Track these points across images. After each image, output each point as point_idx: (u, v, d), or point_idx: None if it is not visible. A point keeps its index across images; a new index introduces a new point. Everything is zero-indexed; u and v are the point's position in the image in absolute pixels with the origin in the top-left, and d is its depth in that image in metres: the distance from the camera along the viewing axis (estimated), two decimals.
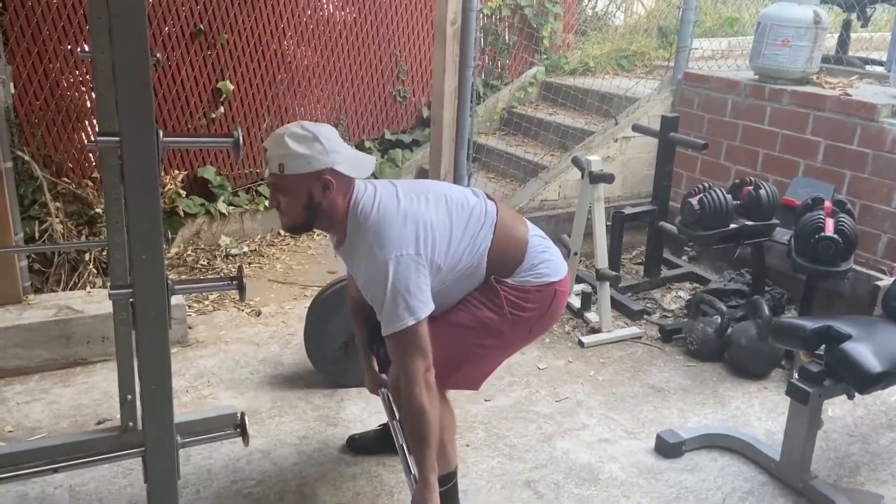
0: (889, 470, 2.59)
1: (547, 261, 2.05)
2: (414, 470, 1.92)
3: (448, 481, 2.10)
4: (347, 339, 2.82)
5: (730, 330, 3.24)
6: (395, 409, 2.13)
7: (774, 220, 3.25)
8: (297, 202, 1.89)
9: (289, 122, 1.94)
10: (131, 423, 2.36)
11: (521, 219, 2.14)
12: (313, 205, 1.89)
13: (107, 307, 2.95)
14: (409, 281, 1.83)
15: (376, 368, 2.31)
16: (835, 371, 2.29)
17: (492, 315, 2.00)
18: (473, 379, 2.14)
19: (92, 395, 2.86)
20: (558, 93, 5.25)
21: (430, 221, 1.90)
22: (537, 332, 2.14)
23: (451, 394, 2.21)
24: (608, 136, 4.39)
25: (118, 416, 2.37)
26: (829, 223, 2.95)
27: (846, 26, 4.74)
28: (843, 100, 3.53)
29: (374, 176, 4.45)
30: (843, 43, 4.69)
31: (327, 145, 1.85)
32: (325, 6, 4.72)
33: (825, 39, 3.92)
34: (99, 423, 2.69)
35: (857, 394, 2.34)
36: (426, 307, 1.85)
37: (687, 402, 2.97)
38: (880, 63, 4.52)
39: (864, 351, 2.23)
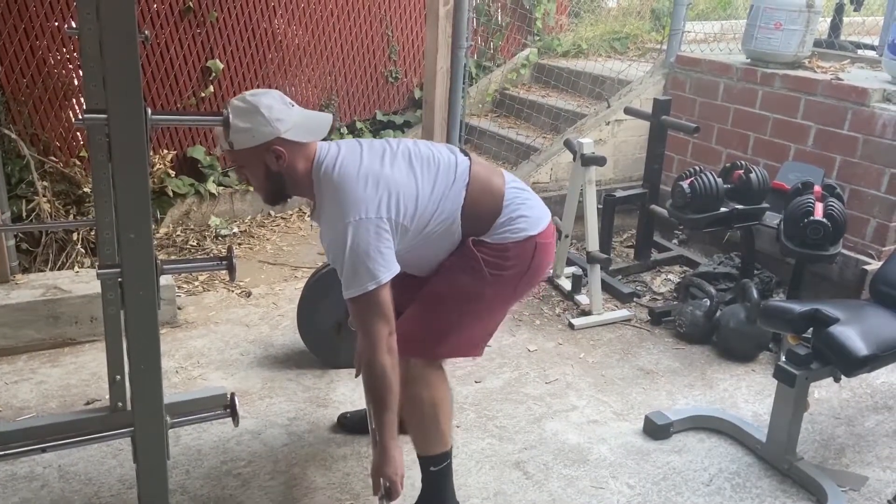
0: (874, 452, 2.62)
1: (525, 215, 1.99)
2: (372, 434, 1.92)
3: (442, 461, 2.09)
4: (340, 320, 2.82)
5: (718, 313, 3.26)
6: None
7: (764, 204, 3.26)
8: (257, 175, 1.89)
9: None
10: (120, 404, 2.37)
11: (497, 171, 2.07)
12: (273, 175, 1.88)
13: (95, 287, 2.94)
14: (369, 245, 1.80)
15: None
16: (822, 354, 2.32)
17: (469, 279, 1.96)
18: (467, 345, 2.09)
19: (80, 375, 2.85)
20: (551, 75, 5.23)
21: (395, 181, 1.86)
22: (524, 289, 2.08)
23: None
24: (600, 119, 4.38)
25: (107, 396, 2.38)
26: (819, 207, 2.96)
27: (839, 10, 4.73)
28: (835, 84, 3.54)
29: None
30: (836, 27, 4.68)
31: (269, 114, 1.81)
32: None
33: (817, 23, 3.92)
34: (88, 403, 2.68)
35: (843, 377, 2.37)
36: (387, 271, 1.82)
37: (675, 384, 3.00)
38: (872, 48, 4.52)
39: (852, 334, 2.25)
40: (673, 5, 4.42)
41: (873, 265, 3.29)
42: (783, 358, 2.45)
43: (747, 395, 2.94)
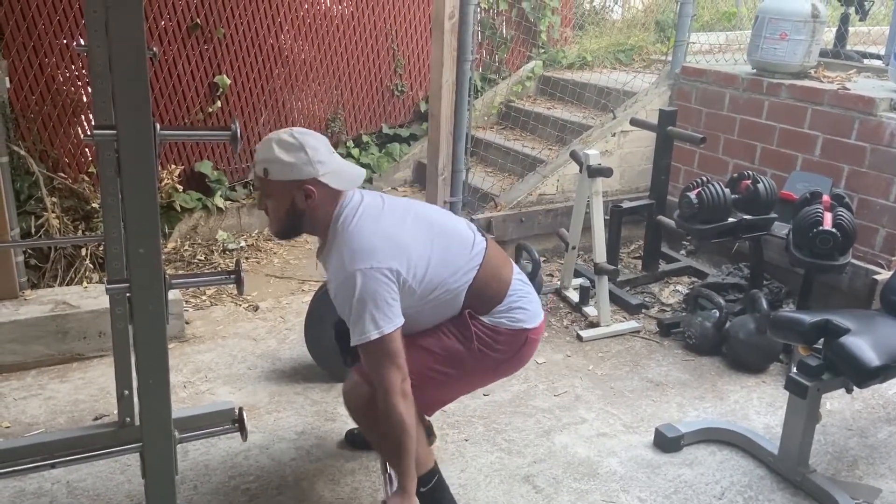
0: (887, 463, 2.59)
1: (524, 308, 2.06)
2: (390, 470, 1.95)
3: (429, 480, 2.09)
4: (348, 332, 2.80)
5: (728, 324, 3.24)
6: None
7: (772, 214, 3.25)
8: (280, 207, 1.92)
9: (286, 116, 1.95)
10: (128, 419, 2.36)
11: (508, 261, 2.14)
12: (296, 211, 1.92)
13: (103, 302, 2.95)
14: (377, 294, 1.83)
15: None
16: (833, 365, 2.30)
17: (458, 346, 2.01)
18: (426, 404, 2.11)
19: (89, 390, 2.85)
20: (556, 87, 5.24)
21: (409, 242, 1.91)
22: (503, 373, 2.15)
23: None
24: (606, 131, 4.38)
25: (115, 411, 2.37)
26: (828, 217, 2.95)
27: (844, 20, 4.73)
28: (842, 94, 3.53)
29: (370, 181, 4.43)
30: (842, 37, 4.68)
31: (312, 155, 1.87)
32: (323, 1, 4.70)
33: (823, 33, 3.92)
34: (96, 418, 2.68)
35: (855, 388, 2.35)
36: (391, 323, 1.84)
37: (685, 396, 2.98)
38: (878, 57, 4.51)
39: (863, 345, 2.23)
40: (677, 17, 4.43)
41: (883, 275, 3.27)
42: (794, 369, 2.43)
43: (758, 406, 2.92)
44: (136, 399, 2.22)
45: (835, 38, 4.70)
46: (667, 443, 2.60)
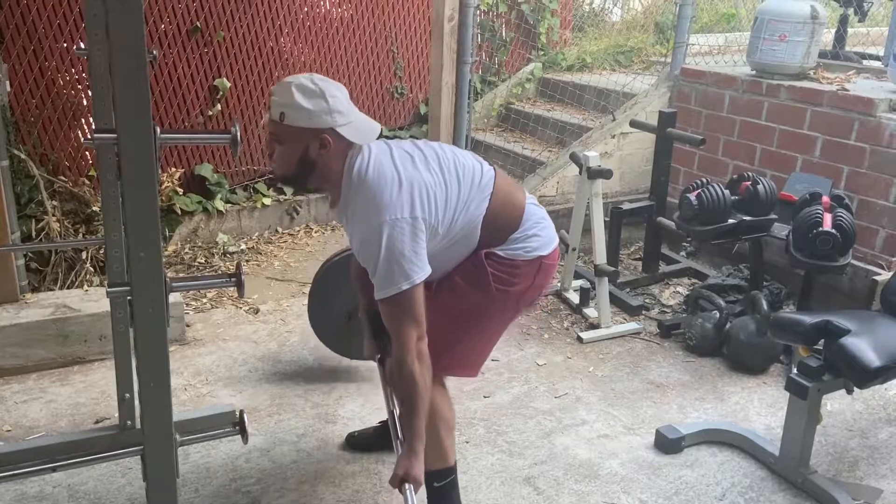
0: (888, 464, 2.59)
1: (539, 234, 2.02)
2: (401, 434, 1.91)
3: (445, 477, 2.08)
4: (351, 310, 2.76)
5: (728, 325, 3.24)
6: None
7: (772, 216, 3.25)
8: (291, 154, 1.85)
9: None
10: (129, 422, 2.36)
11: (519, 187, 2.11)
12: (308, 160, 1.85)
13: (104, 305, 2.95)
14: (405, 244, 1.79)
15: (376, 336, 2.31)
16: (833, 366, 2.30)
17: (477, 294, 1.98)
18: (467, 361, 2.10)
19: (90, 393, 2.85)
20: (556, 89, 5.24)
21: (427, 183, 1.87)
22: (525, 304, 2.11)
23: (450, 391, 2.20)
24: (606, 132, 4.38)
25: (116, 414, 2.37)
26: (827, 218, 2.95)
27: (843, 21, 4.73)
28: (841, 95, 3.53)
29: None
30: (841, 38, 4.69)
31: (332, 104, 1.81)
32: (322, 3, 4.70)
33: (822, 34, 3.92)
34: (97, 421, 2.68)
35: (855, 388, 2.35)
36: (422, 271, 1.81)
37: (686, 397, 2.98)
38: (878, 58, 4.52)
39: (863, 345, 2.23)
40: (677, 18, 4.43)
41: (884, 275, 3.27)
42: (795, 370, 2.43)
43: (759, 407, 2.92)
44: (137, 402, 2.22)
45: (834, 40, 4.70)
46: (667, 444, 2.60)
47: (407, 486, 1.82)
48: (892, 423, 2.84)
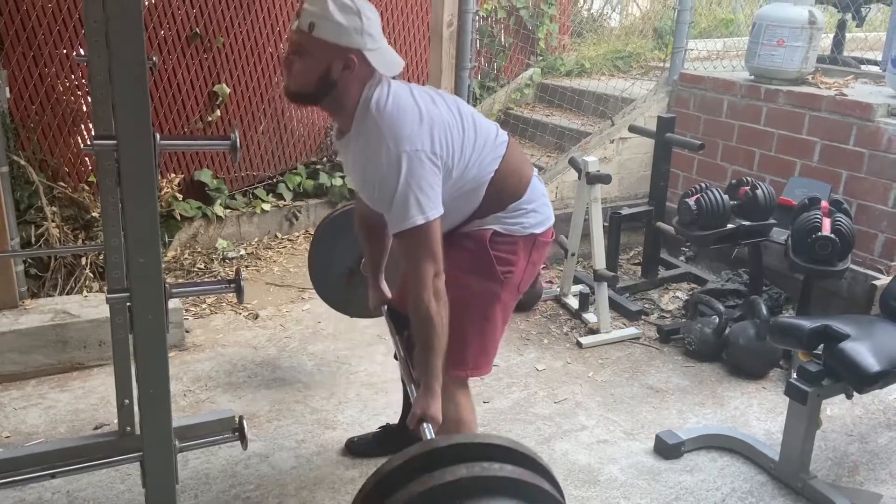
0: (888, 469, 2.59)
1: (537, 211, 2.01)
2: (416, 375, 1.87)
3: None
4: (352, 266, 2.70)
5: (728, 330, 3.24)
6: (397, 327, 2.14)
7: (771, 220, 3.25)
8: (312, 69, 1.76)
9: (286, 125, 1.92)
10: (129, 428, 2.36)
11: (528, 160, 2.09)
12: (328, 79, 1.77)
13: (104, 311, 2.94)
14: (422, 178, 1.75)
15: (382, 286, 2.30)
16: (833, 370, 2.30)
17: (487, 282, 1.98)
18: (487, 357, 2.08)
19: (89, 399, 2.85)
20: (554, 94, 5.25)
21: (447, 122, 1.83)
22: (524, 286, 2.09)
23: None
24: (605, 137, 4.39)
25: (115, 420, 2.37)
26: (826, 223, 2.95)
27: (841, 26, 4.75)
28: (839, 100, 3.54)
29: None
30: (839, 43, 4.70)
31: (366, 25, 1.76)
32: None
33: (820, 39, 3.93)
34: (96, 427, 2.68)
35: (855, 393, 2.35)
36: (436, 209, 1.77)
37: (685, 402, 2.97)
38: (876, 63, 4.53)
39: (863, 350, 2.24)
40: (675, 24, 4.45)
41: (883, 280, 3.27)
42: (794, 375, 2.43)
43: (759, 412, 2.92)
44: (136, 408, 2.21)
45: (832, 45, 4.72)
46: (667, 449, 2.60)
47: (425, 425, 1.77)
48: (892, 427, 2.84)
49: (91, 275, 3.59)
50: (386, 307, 2.27)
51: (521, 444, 1.44)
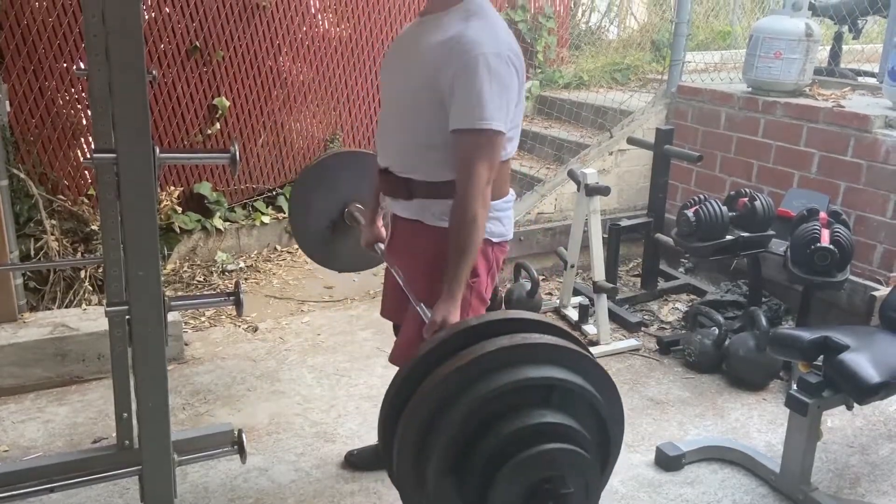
0: (889, 481, 2.58)
1: (500, 221, 2.00)
2: (445, 278, 1.84)
3: None
4: (335, 218, 2.61)
5: (728, 341, 3.24)
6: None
7: (770, 232, 3.26)
8: None
9: (285, 137, 1.93)
10: (127, 442, 2.35)
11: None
12: None
13: (102, 324, 2.94)
14: (511, 90, 1.76)
15: (378, 224, 2.29)
16: (833, 382, 2.29)
17: (487, 284, 1.99)
18: None
19: (87, 413, 2.84)
20: (553, 106, 5.27)
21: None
22: (487, 295, 2.07)
23: None
24: (603, 149, 4.40)
25: (114, 434, 2.36)
26: (825, 234, 2.96)
27: (838, 38, 4.77)
28: (837, 111, 3.55)
29: None
30: (836, 55, 4.72)
31: None
32: (321, 23, 4.74)
33: (817, 52, 3.95)
34: (95, 441, 2.67)
35: (855, 404, 2.34)
36: (507, 125, 1.78)
37: (686, 414, 2.97)
38: (872, 75, 4.55)
39: (863, 361, 2.23)
40: (673, 36, 4.47)
41: (882, 291, 3.27)
42: (794, 386, 2.42)
43: (759, 424, 2.91)
44: (135, 421, 2.21)
45: (829, 57, 4.74)
46: (668, 461, 2.59)
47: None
48: (893, 439, 2.83)
49: (90, 288, 3.59)
50: (380, 245, 2.24)
51: (549, 319, 1.51)
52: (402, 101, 1.93)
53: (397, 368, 2.07)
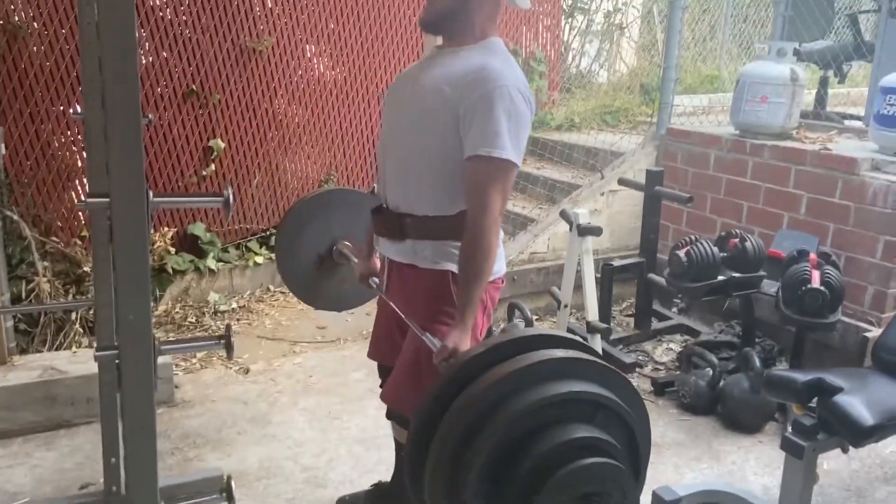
0: None
1: (500, 254, 2.00)
2: (458, 302, 1.84)
3: None
4: (322, 253, 2.55)
5: (722, 382, 3.23)
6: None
7: (761, 272, 3.27)
8: None
9: (280, 178, 1.94)
10: (115, 488, 2.30)
11: None
12: (466, 3, 1.86)
13: (92, 367, 2.89)
14: (523, 125, 1.82)
15: (373, 259, 2.28)
16: (828, 424, 2.28)
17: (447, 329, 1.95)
18: None
19: (75, 458, 2.79)
20: (545, 148, 5.33)
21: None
22: (481, 335, 2.05)
23: None
24: (595, 190, 4.44)
25: (102, 479, 2.32)
26: (815, 275, 2.98)
27: (823, 83, 4.87)
28: (824, 154, 3.61)
29: None
30: (821, 99, 4.81)
31: None
32: (317, 66, 4.81)
33: (803, 96, 4.02)
34: (82, 487, 2.62)
35: (851, 447, 2.33)
36: (519, 158, 1.83)
37: (682, 457, 2.94)
38: (858, 118, 4.63)
39: (857, 403, 2.23)
40: (661, 80, 4.55)
41: (874, 332, 3.28)
42: (790, 428, 2.41)
43: (756, 467, 2.88)
44: (122, 467, 2.17)
45: (815, 100, 4.83)
46: None
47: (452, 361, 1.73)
48: (889, 481, 2.80)
49: (81, 330, 3.56)
50: (375, 280, 2.24)
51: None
52: (410, 127, 1.94)
53: (392, 405, 2.06)
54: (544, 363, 1.42)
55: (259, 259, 4.50)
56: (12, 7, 3.73)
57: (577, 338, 1.61)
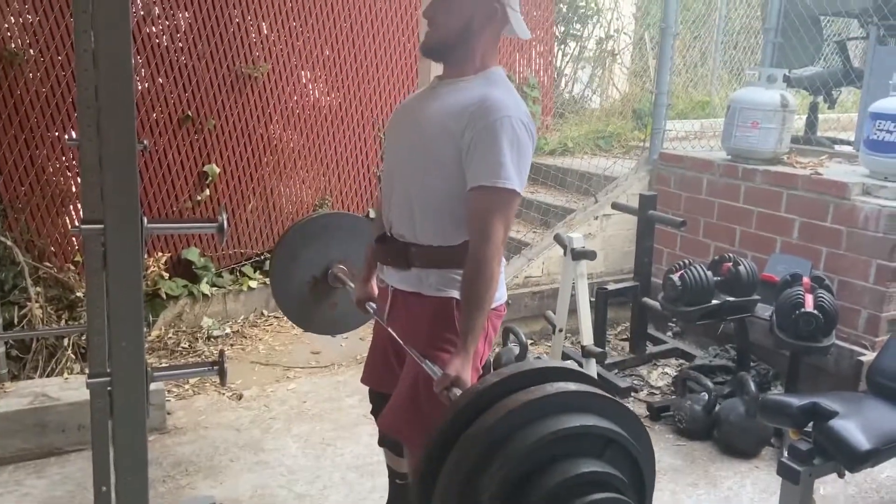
0: None
1: (501, 281, 1.98)
2: (461, 328, 1.83)
3: None
4: (316, 275, 2.54)
5: (718, 407, 3.22)
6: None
7: (755, 296, 3.28)
8: (458, 15, 1.87)
9: (274, 203, 1.94)
10: None
11: None
12: (470, 29, 1.87)
13: (84, 394, 2.87)
14: (526, 154, 1.82)
15: (371, 283, 2.26)
16: (824, 449, 2.27)
17: (449, 355, 1.94)
18: None
19: (66, 486, 2.76)
20: (539, 172, 5.36)
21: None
22: (482, 362, 2.04)
23: None
24: (589, 214, 4.46)
25: None
26: (809, 299, 2.98)
27: (813, 108, 4.92)
28: (815, 179, 3.64)
29: None
30: (812, 124, 4.86)
31: None
32: (312, 92, 4.85)
33: (793, 121, 4.07)
34: None
35: (847, 472, 2.32)
36: (522, 188, 1.83)
37: (678, 483, 2.92)
38: (849, 143, 4.67)
39: (852, 428, 2.22)
40: (653, 106, 4.60)
41: (868, 356, 3.28)
42: (786, 454, 2.40)
43: (752, 493, 2.86)
44: (113, 495, 2.15)
45: (805, 126, 4.88)
46: None
47: (455, 391, 1.71)
48: None
49: (73, 356, 3.54)
50: (371, 304, 2.23)
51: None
52: (413, 160, 1.94)
53: (397, 428, 2.04)
54: (557, 396, 1.41)
55: (253, 284, 4.49)
56: (9, 34, 3.75)
57: (582, 369, 1.60)
